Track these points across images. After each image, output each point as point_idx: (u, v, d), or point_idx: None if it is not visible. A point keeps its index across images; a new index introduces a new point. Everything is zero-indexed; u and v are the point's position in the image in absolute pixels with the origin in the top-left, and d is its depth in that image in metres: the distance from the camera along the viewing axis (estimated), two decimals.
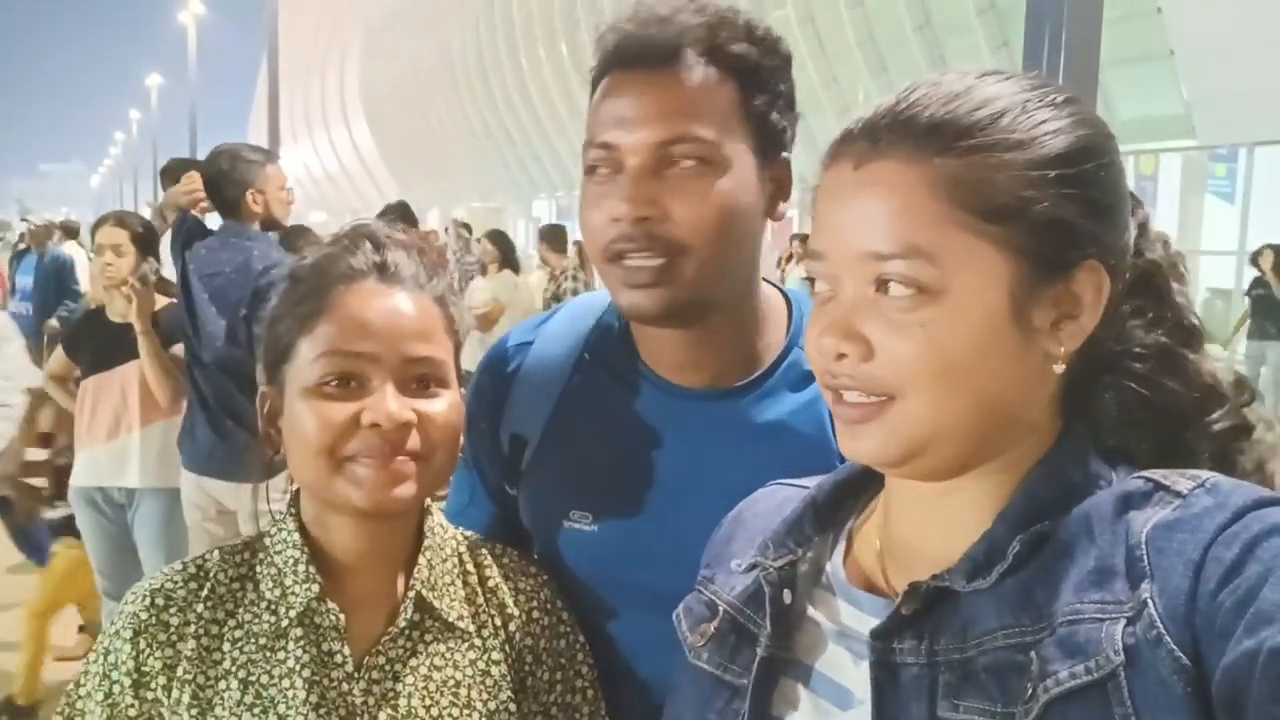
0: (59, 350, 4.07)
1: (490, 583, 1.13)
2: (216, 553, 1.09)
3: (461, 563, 1.13)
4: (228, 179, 3.38)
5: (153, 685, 1.01)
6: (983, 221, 0.72)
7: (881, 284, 0.73)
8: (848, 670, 0.81)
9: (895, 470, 0.79)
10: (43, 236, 9.62)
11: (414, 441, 1.01)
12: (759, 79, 1.09)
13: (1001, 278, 0.72)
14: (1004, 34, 17.97)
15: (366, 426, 0.99)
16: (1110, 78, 14.84)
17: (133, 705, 1.01)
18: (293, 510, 1.09)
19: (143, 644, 1.02)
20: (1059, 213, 0.73)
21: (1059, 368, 0.75)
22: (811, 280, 0.81)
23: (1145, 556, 0.67)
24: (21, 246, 9.93)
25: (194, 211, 3.55)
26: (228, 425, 3.29)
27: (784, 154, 1.13)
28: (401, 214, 6.72)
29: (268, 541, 1.09)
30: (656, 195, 1.04)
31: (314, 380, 1.01)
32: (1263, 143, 14.96)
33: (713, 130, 1.05)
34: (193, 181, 3.48)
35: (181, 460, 3.41)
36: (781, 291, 1.23)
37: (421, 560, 1.08)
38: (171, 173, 4.47)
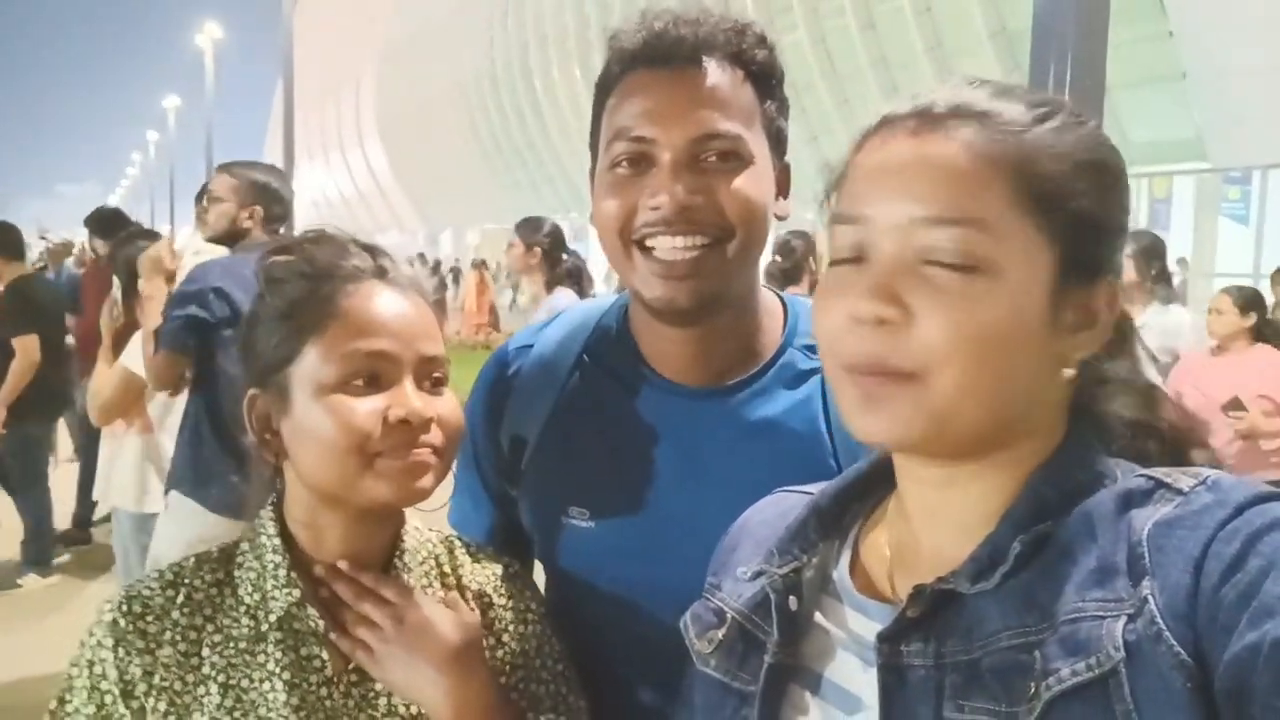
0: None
1: (464, 579, 1.14)
2: (193, 559, 1.09)
3: (438, 564, 1.14)
4: (284, 194, 3.40)
5: (136, 693, 1.01)
6: (1034, 204, 0.73)
7: (929, 252, 0.72)
8: (856, 677, 0.81)
9: (908, 451, 0.77)
10: (60, 255, 9.71)
11: (435, 437, 1.03)
12: (771, 86, 1.14)
13: (1043, 266, 0.73)
14: (1015, 57, 18.00)
15: (394, 423, 1.00)
16: (1122, 100, 14.85)
17: (125, 715, 1.01)
18: (273, 514, 1.09)
19: (122, 652, 1.01)
20: (1093, 214, 0.75)
21: (1069, 372, 0.77)
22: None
23: (1146, 554, 0.68)
24: (39, 265, 10.02)
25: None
26: None
27: (785, 159, 1.18)
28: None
29: (245, 546, 1.09)
30: (696, 186, 1.07)
31: (334, 380, 1.01)
32: (1276, 165, 14.93)
33: (741, 127, 1.09)
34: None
35: (221, 507, 3.04)
36: (777, 295, 1.26)
37: (398, 563, 1.09)
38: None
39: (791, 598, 0.85)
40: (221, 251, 3.68)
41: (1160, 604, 0.65)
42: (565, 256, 4.65)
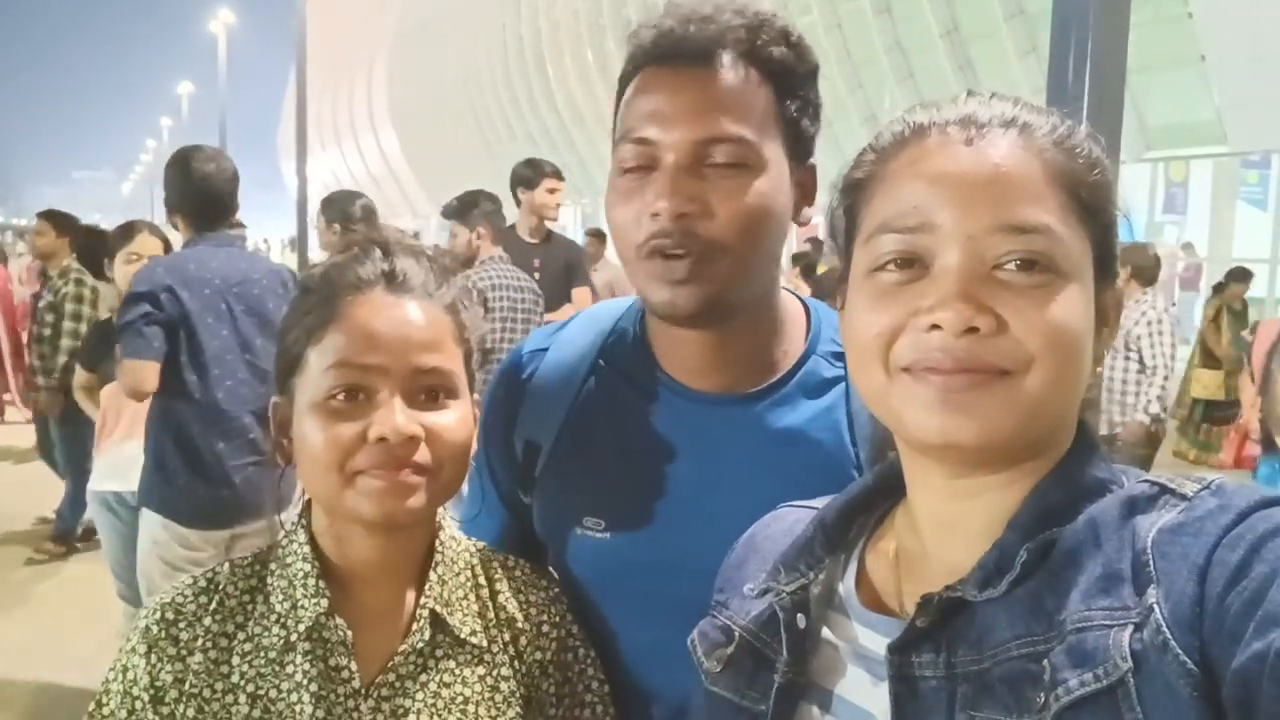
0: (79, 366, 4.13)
1: (500, 597, 1.12)
2: (227, 565, 1.09)
3: (474, 576, 1.12)
4: (235, 187, 3.23)
5: (167, 700, 1.01)
6: (1081, 209, 0.76)
7: (1003, 258, 0.73)
8: (867, 691, 0.80)
9: (976, 455, 0.75)
10: None
11: (422, 455, 1.00)
12: (792, 84, 1.09)
13: (1089, 267, 0.77)
14: (1032, 40, 17.85)
15: (373, 441, 0.98)
16: (1141, 82, 14.71)
17: None
18: (303, 522, 1.08)
19: (154, 659, 1.02)
20: (1114, 218, 0.79)
21: (1099, 370, 0.78)
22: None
23: (1151, 561, 0.67)
24: None
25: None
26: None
27: (810, 160, 1.13)
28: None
29: (279, 553, 1.08)
30: (696, 193, 1.03)
31: (322, 394, 1.00)
32: None
33: (750, 130, 1.05)
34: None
35: (198, 517, 3.07)
36: (800, 299, 1.22)
37: (433, 576, 1.07)
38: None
39: (799, 615, 0.85)
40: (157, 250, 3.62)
41: (1166, 613, 0.64)
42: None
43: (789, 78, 1.09)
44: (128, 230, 3.94)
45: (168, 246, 3.72)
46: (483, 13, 37.86)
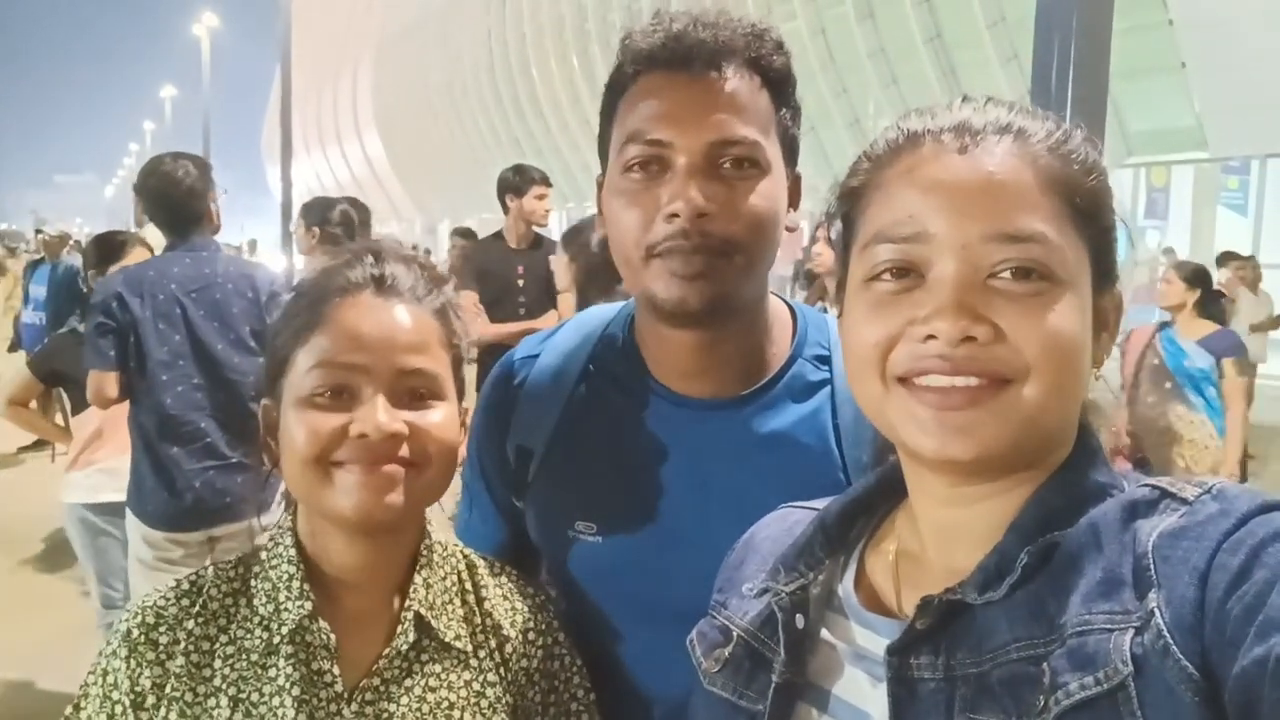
0: (24, 375, 3.92)
1: (487, 603, 1.12)
2: (211, 568, 1.08)
3: (460, 581, 1.11)
4: (195, 193, 3.17)
5: (147, 704, 1.01)
6: (1078, 216, 0.75)
7: (999, 267, 0.73)
8: (865, 692, 0.80)
9: (974, 468, 0.75)
10: (57, 247, 9.71)
11: (405, 451, 1.00)
12: (786, 92, 1.12)
13: (1086, 273, 0.76)
14: (1014, 47, 17.97)
15: (354, 436, 0.98)
16: (1121, 90, 14.83)
17: None
18: (289, 525, 1.08)
19: (134, 663, 1.01)
20: (1112, 224, 0.79)
21: (1096, 374, 0.78)
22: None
23: (1152, 566, 0.67)
24: (38, 258, 10.00)
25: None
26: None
27: (797, 167, 1.15)
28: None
29: (264, 556, 1.07)
30: (713, 193, 1.05)
31: (306, 391, 1.00)
32: (1275, 155, 14.91)
33: (757, 133, 1.07)
34: None
35: (162, 520, 3.08)
36: (787, 303, 1.23)
37: (418, 579, 1.07)
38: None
39: (798, 615, 0.85)
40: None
41: (1167, 617, 0.64)
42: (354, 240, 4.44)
43: (784, 86, 1.12)
44: (119, 243, 3.88)
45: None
46: (468, 18, 37.85)
